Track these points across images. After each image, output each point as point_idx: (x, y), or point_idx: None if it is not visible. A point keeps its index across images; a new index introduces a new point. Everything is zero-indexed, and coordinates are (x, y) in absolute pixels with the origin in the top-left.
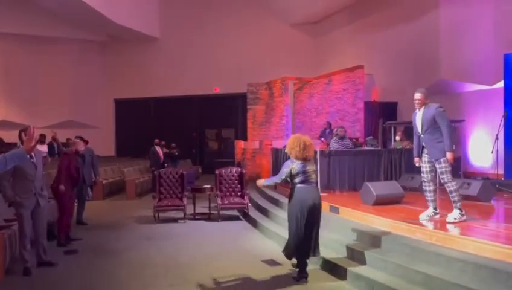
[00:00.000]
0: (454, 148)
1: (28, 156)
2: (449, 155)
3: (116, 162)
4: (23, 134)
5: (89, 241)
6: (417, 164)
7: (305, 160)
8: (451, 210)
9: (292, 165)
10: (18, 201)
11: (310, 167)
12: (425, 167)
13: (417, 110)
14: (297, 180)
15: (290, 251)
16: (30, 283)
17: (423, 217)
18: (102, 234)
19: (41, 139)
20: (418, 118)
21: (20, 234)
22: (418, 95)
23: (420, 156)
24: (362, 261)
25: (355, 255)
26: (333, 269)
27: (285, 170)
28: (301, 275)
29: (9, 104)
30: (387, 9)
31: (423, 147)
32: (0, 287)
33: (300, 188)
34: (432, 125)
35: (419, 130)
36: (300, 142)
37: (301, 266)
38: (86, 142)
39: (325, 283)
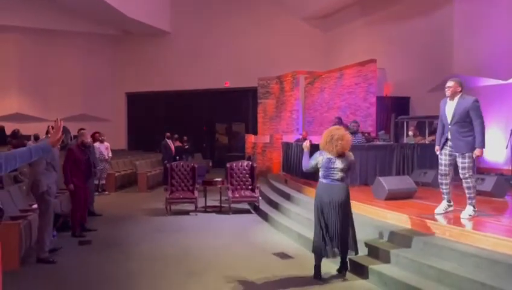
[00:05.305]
0: (485, 145)
1: (57, 148)
2: (479, 152)
3: (128, 155)
4: (50, 127)
5: (102, 233)
6: (437, 152)
7: (337, 155)
8: (464, 204)
9: (318, 158)
10: (48, 190)
11: (339, 164)
12: (444, 159)
13: (448, 99)
14: (320, 174)
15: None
16: (44, 273)
17: (439, 211)
18: (115, 225)
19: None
20: (450, 108)
21: (46, 221)
22: (450, 83)
23: (442, 147)
24: (374, 255)
25: (368, 250)
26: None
27: (312, 162)
28: (315, 274)
29: (23, 97)
30: (399, 3)
31: (447, 139)
32: (16, 277)
33: (321, 183)
34: (464, 117)
35: (449, 120)
36: (328, 135)
37: (315, 263)
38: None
39: (336, 279)
